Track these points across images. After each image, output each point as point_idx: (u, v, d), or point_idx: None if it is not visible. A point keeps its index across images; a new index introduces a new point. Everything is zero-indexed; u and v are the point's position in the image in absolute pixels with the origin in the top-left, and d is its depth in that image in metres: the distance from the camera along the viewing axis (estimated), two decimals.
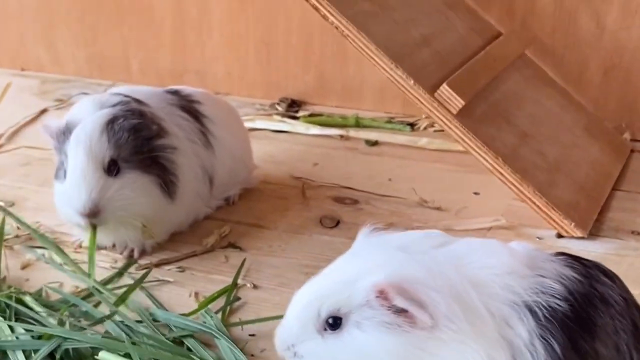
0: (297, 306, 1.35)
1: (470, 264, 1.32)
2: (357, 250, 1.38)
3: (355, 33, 2.01)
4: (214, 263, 1.96)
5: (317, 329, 1.32)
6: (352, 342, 1.30)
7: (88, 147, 1.84)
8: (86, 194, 1.83)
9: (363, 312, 1.29)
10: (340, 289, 1.31)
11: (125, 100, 1.94)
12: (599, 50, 2.36)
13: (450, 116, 2.00)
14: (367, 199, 2.17)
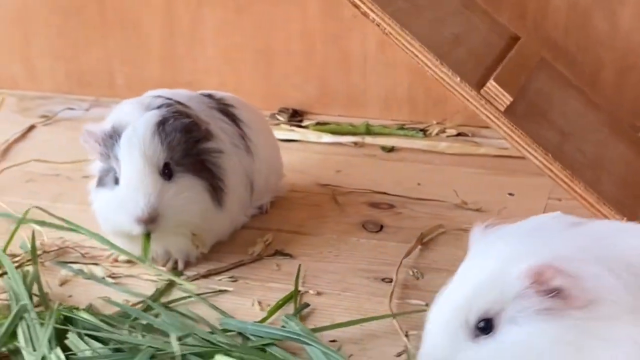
0: (439, 321, 1.26)
1: (615, 244, 1.25)
2: (484, 248, 1.30)
3: (398, 30, 1.95)
4: (266, 271, 1.87)
5: (468, 337, 1.23)
6: (511, 340, 1.21)
7: (142, 150, 1.74)
8: (145, 198, 1.73)
9: (517, 304, 1.20)
10: (486, 288, 1.22)
11: (169, 102, 1.85)
12: (613, 50, 2.36)
13: (498, 113, 1.95)
14: (402, 203, 2.11)
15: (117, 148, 1.75)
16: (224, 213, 1.88)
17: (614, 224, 1.32)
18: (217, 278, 1.86)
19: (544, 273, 1.19)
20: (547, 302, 1.19)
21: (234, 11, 2.57)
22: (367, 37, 2.50)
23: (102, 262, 1.89)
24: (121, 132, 1.76)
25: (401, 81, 2.51)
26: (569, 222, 1.31)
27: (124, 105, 1.87)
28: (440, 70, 1.93)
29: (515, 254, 1.23)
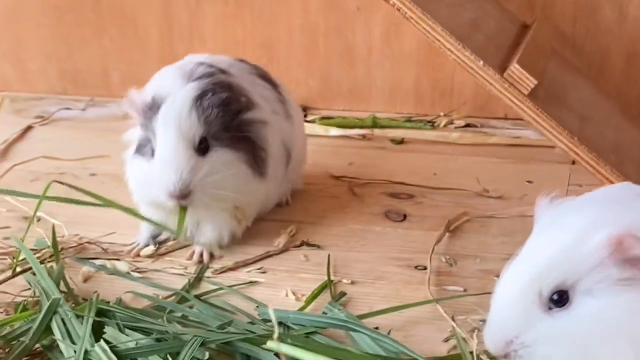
0: (510, 293, 1.22)
1: None
2: (555, 220, 1.26)
3: (419, 14, 1.91)
4: (294, 262, 1.83)
5: (542, 310, 1.20)
6: (587, 312, 1.17)
7: (178, 125, 1.72)
8: (177, 174, 1.71)
9: (594, 275, 1.17)
10: (562, 259, 1.19)
11: (210, 71, 1.82)
12: (621, 37, 2.35)
13: (522, 97, 1.92)
14: (422, 193, 2.08)
15: (155, 121, 1.73)
16: (267, 182, 1.86)
17: None
18: (246, 270, 1.81)
19: (623, 241, 1.16)
20: (627, 271, 1.16)
21: (234, 5, 2.52)
22: (372, 30, 2.46)
23: (123, 258, 1.82)
24: (160, 105, 1.74)
25: (407, 74, 2.48)
26: (638, 192, 1.28)
27: (165, 73, 1.84)
28: (462, 55, 1.90)
29: (592, 224, 1.20)
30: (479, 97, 2.45)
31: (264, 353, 1.40)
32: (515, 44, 2.12)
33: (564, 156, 2.21)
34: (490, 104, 2.45)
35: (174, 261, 1.83)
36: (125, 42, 2.62)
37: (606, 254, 1.17)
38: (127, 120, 2.22)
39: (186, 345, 1.38)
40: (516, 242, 1.30)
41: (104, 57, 2.65)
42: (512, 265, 1.25)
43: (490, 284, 1.61)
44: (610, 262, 1.17)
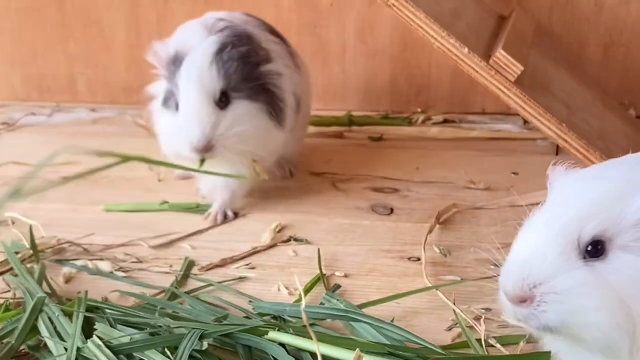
0: (542, 235, 1.13)
1: None
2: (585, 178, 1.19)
3: (402, 2, 1.87)
4: (284, 258, 1.76)
5: (578, 257, 1.12)
6: (622, 267, 1.11)
7: (199, 80, 1.77)
8: (200, 129, 1.77)
9: (635, 232, 1.11)
10: (605, 208, 1.12)
11: (230, 25, 1.86)
12: (598, 27, 2.33)
13: (508, 84, 1.89)
14: (407, 187, 2.03)
15: (179, 75, 1.77)
16: (285, 132, 1.89)
17: None
18: (234, 267, 1.74)
19: None
20: None
21: (204, 4, 2.47)
22: (346, 27, 2.42)
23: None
24: (183, 59, 1.78)
25: (382, 71, 2.44)
26: None
27: (188, 27, 1.88)
28: (447, 42, 1.86)
29: (637, 180, 1.13)
30: (456, 92, 2.42)
31: (267, 344, 1.34)
32: (495, 34, 2.09)
33: (548, 148, 2.19)
34: (468, 99, 2.42)
35: (159, 259, 1.76)
36: (91, 45, 2.55)
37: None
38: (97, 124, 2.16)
39: (185, 338, 1.31)
40: (509, 232, 1.25)
41: (70, 62, 2.58)
42: (540, 213, 1.17)
43: (488, 272, 1.56)
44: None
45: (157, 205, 1.97)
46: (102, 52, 2.55)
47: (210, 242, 1.83)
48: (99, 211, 1.96)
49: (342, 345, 1.32)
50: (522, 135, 2.27)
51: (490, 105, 2.43)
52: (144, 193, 2.03)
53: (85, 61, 2.57)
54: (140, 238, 1.84)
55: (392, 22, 2.39)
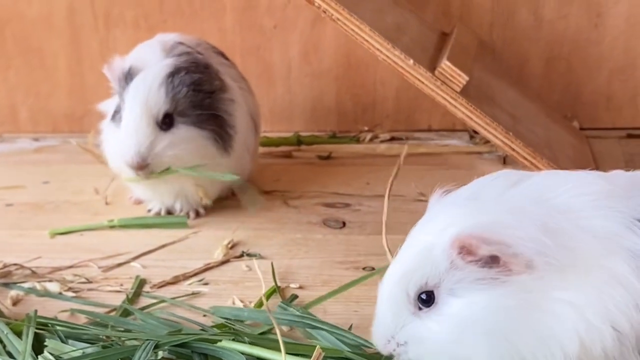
0: (384, 294, 1.23)
1: (558, 195, 1.21)
2: (426, 217, 1.26)
3: (347, 15, 1.88)
4: (237, 272, 1.76)
5: (411, 311, 1.20)
6: (451, 312, 1.16)
7: (144, 100, 1.79)
8: (135, 147, 1.79)
9: (452, 276, 1.16)
10: (421, 260, 1.18)
11: (189, 50, 1.88)
12: (538, 41, 2.36)
13: (454, 94, 1.91)
14: (358, 201, 2.03)
15: (127, 91, 1.79)
16: (232, 159, 1.89)
17: (560, 175, 1.26)
18: (186, 283, 1.71)
19: (467, 244, 1.14)
20: (482, 271, 1.14)
21: (147, 31, 2.44)
22: (290, 48, 2.42)
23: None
24: (135, 75, 1.79)
25: (328, 91, 2.44)
26: (512, 180, 1.25)
27: (147, 46, 1.90)
28: (392, 54, 1.88)
29: (445, 225, 1.18)
30: (402, 110, 2.43)
31: (223, 352, 1.31)
32: (438, 48, 2.11)
33: (494, 161, 2.21)
34: (414, 116, 2.43)
35: (109, 279, 1.73)
36: (32, 74, 2.52)
37: (455, 256, 1.15)
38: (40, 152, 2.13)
39: (139, 349, 1.29)
40: None
41: (10, 92, 2.54)
42: (392, 264, 1.24)
43: None
44: (462, 263, 1.15)
45: (105, 224, 1.93)
46: (43, 81, 2.51)
47: (161, 261, 1.81)
48: (44, 235, 1.92)
49: (301, 351, 1.30)
50: (468, 149, 2.28)
51: (436, 122, 2.44)
52: (91, 217, 2.00)
53: (26, 90, 2.53)
54: (89, 259, 1.81)
55: (335, 42, 2.39)
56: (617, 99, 2.37)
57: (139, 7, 2.44)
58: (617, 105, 2.37)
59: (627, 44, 2.32)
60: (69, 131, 2.52)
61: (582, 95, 2.38)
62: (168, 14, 2.44)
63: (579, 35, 2.34)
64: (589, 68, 2.36)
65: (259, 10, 2.41)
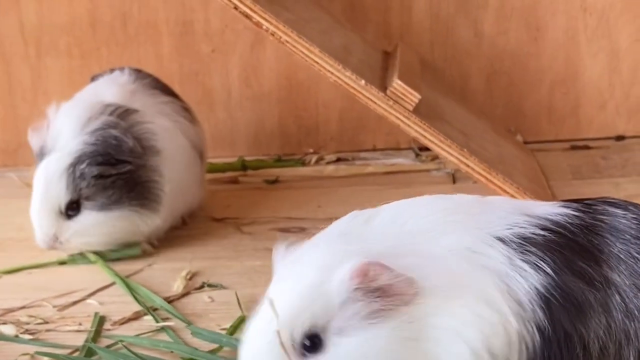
0: (259, 345, 1.13)
1: (413, 220, 1.20)
2: (293, 264, 1.19)
3: (295, 37, 1.86)
4: (200, 304, 1.71)
5: (297, 358, 1.12)
6: (342, 354, 1.11)
7: (45, 190, 1.76)
8: (41, 235, 1.78)
9: (343, 313, 1.11)
10: (307, 302, 1.12)
11: (110, 120, 1.80)
12: (479, 58, 2.36)
13: (407, 113, 1.90)
14: (313, 225, 1.98)
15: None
16: (163, 212, 1.85)
17: (401, 204, 1.26)
18: (147, 318, 1.65)
19: (369, 271, 1.10)
20: (375, 304, 1.11)
21: (80, 57, 2.38)
22: (229, 72, 2.38)
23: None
24: (44, 156, 1.76)
25: (270, 114, 2.41)
26: (365, 218, 1.23)
27: (69, 112, 1.82)
28: (343, 75, 1.87)
29: (332, 260, 1.13)
30: (346, 131, 2.41)
31: None
32: (384, 67, 2.10)
33: (443, 178, 2.21)
34: (358, 137, 2.41)
35: (66, 318, 1.66)
36: None
37: (353, 286, 1.10)
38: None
39: None
40: None
41: None
42: (256, 317, 1.16)
43: None
44: (357, 295, 1.10)
45: (53, 261, 1.86)
46: None
47: (118, 296, 1.74)
48: None
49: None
50: (416, 167, 2.27)
51: (381, 142, 2.42)
52: (38, 253, 1.91)
53: None
54: (41, 298, 1.74)
55: (276, 65, 2.36)
56: (558, 111, 2.39)
57: (70, 34, 2.37)
58: (559, 117, 2.39)
59: (566, 55, 2.34)
60: (2, 165, 2.43)
61: (524, 108, 2.39)
62: (101, 42, 2.38)
63: (519, 50, 2.35)
64: (530, 81, 2.37)
65: (196, 35, 2.36)
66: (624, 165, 2.24)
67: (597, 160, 2.28)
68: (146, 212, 1.81)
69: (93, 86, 1.96)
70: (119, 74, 1.99)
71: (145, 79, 2.00)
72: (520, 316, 1.14)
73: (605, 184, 2.14)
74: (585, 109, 2.39)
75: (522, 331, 1.14)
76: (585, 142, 2.37)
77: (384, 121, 2.38)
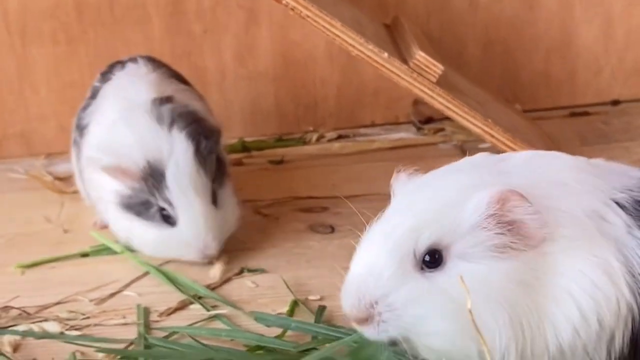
0: (377, 251, 1.14)
1: (547, 169, 1.20)
2: (425, 182, 1.20)
3: (316, 12, 1.82)
4: (245, 290, 1.67)
5: (414, 270, 1.12)
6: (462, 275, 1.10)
7: (195, 189, 1.66)
8: (214, 240, 1.69)
9: (471, 237, 1.11)
10: (440, 217, 1.12)
11: (176, 107, 1.74)
12: (475, 27, 2.35)
13: (431, 85, 1.87)
14: (335, 204, 1.95)
15: (165, 188, 1.65)
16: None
17: (531, 154, 1.25)
18: (193, 307, 1.59)
19: (508, 200, 1.10)
20: (503, 237, 1.11)
21: (66, 44, 2.29)
22: (222, 51, 2.32)
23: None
24: (161, 170, 1.65)
25: (266, 93, 2.35)
26: (498, 157, 1.24)
27: (140, 125, 1.70)
28: (366, 49, 1.83)
29: (471, 183, 1.14)
30: (344, 107, 2.37)
31: None
32: (393, 41, 2.06)
33: (451, 150, 2.18)
34: (356, 112, 2.38)
35: (108, 311, 1.59)
36: None
37: (488, 213, 1.11)
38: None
39: None
40: None
41: None
42: (377, 225, 1.18)
43: None
44: (489, 223, 1.11)
45: (76, 253, 1.78)
46: None
47: (154, 287, 1.68)
48: (12, 273, 1.76)
49: None
50: (422, 141, 2.25)
51: (379, 117, 2.39)
52: (53, 247, 1.84)
53: None
54: (75, 292, 1.66)
55: (271, 43, 2.31)
56: (555, 78, 2.39)
57: (55, 19, 2.27)
58: (556, 84, 2.39)
59: (561, 22, 2.34)
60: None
61: (520, 77, 2.39)
62: (88, 25, 2.29)
63: (514, 18, 2.34)
64: (526, 49, 2.37)
65: (187, 15, 2.30)
66: (627, 130, 2.25)
67: (599, 125, 2.29)
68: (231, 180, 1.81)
69: (115, 85, 1.85)
70: (135, 66, 1.90)
71: (161, 67, 1.92)
72: (633, 290, 1.13)
73: (615, 149, 2.14)
74: (581, 75, 2.39)
75: (632, 305, 1.13)
76: (583, 108, 2.37)
77: (382, 96, 2.38)
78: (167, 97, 1.77)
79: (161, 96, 1.76)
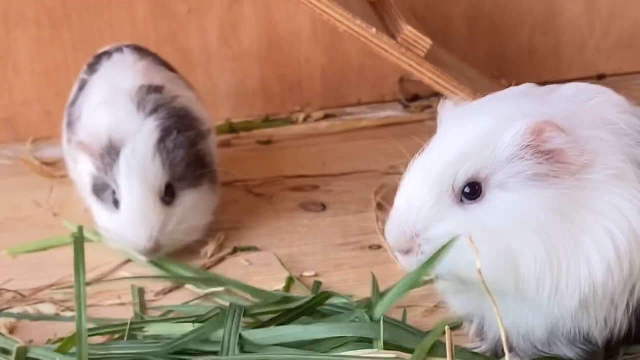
0: (419, 184, 1.15)
1: (594, 103, 1.21)
2: (467, 115, 1.20)
3: None
4: (240, 268, 1.67)
5: (454, 202, 1.14)
6: (499, 207, 1.13)
7: (143, 175, 1.58)
8: (146, 232, 1.60)
9: (510, 167, 1.12)
10: (476, 150, 1.13)
11: (162, 99, 1.69)
12: (460, 3, 2.35)
13: (419, 60, 1.86)
14: (326, 182, 1.96)
15: (116, 169, 1.59)
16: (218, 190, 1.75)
17: (582, 86, 1.25)
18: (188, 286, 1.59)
19: (544, 130, 1.11)
20: (541, 166, 1.12)
21: (50, 27, 2.27)
22: (207, 32, 2.31)
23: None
24: (119, 149, 1.59)
25: (252, 73, 2.34)
26: (545, 89, 1.25)
27: (118, 106, 1.66)
28: (354, 24, 1.82)
29: (510, 113, 1.15)
30: (330, 87, 2.37)
31: None
32: (379, 16, 2.06)
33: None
34: (342, 91, 2.37)
35: (103, 292, 1.59)
36: None
37: (524, 144, 1.12)
38: None
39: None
40: None
41: None
42: (420, 158, 1.19)
43: None
44: (527, 153, 1.12)
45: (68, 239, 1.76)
46: None
47: (148, 267, 1.67)
48: (4, 256, 1.75)
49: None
50: (409, 119, 2.25)
51: (365, 95, 2.39)
52: (44, 230, 1.83)
53: None
54: (69, 275, 1.65)
55: (256, 22, 2.30)
56: (539, 53, 2.39)
57: (38, 3, 2.25)
58: (541, 59, 2.39)
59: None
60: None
61: (506, 52, 2.39)
62: (72, 8, 2.28)
63: None
64: (511, 24, 2.37)
65: None
66: None
67: None
68: (215, 188, 1.74)
69: (102, 75, 1.83)
70: (121, 55, 1.87)
71: (148, 56, 1.90)
72: None
73: None
74: (566, 50, 2.40)
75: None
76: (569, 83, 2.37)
77: (368, 74, 2.37)
78: (158, 86, 1.74)
79: (150, 84, 1.73)
